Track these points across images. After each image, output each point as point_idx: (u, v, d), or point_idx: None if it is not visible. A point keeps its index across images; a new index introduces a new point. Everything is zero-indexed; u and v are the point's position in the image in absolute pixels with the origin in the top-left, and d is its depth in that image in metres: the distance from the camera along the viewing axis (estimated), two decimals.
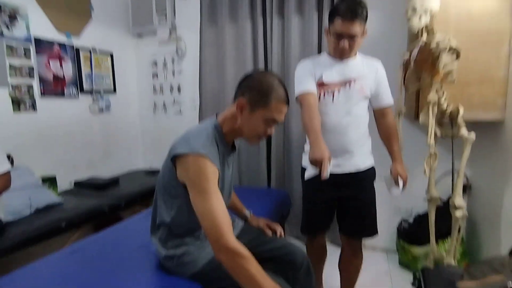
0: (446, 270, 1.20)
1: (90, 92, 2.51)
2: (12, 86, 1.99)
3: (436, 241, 1.65)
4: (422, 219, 2.00)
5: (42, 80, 2.16)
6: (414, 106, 1.76)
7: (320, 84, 1.35)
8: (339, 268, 1.59)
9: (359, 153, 1.38)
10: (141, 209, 2.28)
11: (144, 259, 1.07)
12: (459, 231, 1.49)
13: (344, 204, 1.43)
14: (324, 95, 1.35)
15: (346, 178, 1.38)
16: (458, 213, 1.44)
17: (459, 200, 1.45)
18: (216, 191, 0.91)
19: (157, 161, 2.97)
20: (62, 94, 2.30)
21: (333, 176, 1.33)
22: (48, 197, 1.88)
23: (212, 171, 0.91)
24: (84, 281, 0.94)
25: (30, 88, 2.09)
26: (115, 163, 2.75)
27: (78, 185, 2.31)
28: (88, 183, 2.28)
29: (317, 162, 1.11)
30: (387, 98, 1.41)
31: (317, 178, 1.26)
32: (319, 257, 1.61)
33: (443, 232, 1.84)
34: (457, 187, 1.45)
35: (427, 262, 1.61)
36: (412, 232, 2.01)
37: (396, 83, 1.63)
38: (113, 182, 2.31)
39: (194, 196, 0.91)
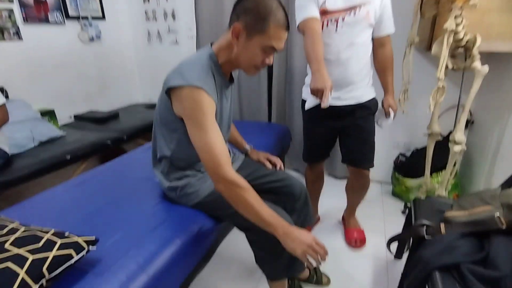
0: (437, 200, 1.26)
1: (77, 18, 2.31)
2: None
3: (431, 174, 1.71)
4: (419, 153, 2.03)
5: (22, 4, 1.97)
6: (428, 35, 1.64)
7: (323, 12, 1.24)
8: (346, 190, 1.71)
9: (361, 86, 1.37)
10: (143, 142, 2.32)
11: (149, 189, 1.12)
12: (454, 165, 1.53)
13: (344, 132, 1.47)
14: (327, 24, 1.26)
15: (346, 109, 1.38)
16: (457, 148, 1.45)
17: (460, 135, 1.44)
18: (213, 124, 0.89)
19: (156, 95, 2.90)
20: (46, 20, 2.12)
21: (333, 108, 1.35)
22: (50, 130, 1.88)
23: (208, 104, 0.88)
24: (91, 210, 0.99)
25: (11, 13, 1.92)
26: (113, 96, 2.69)
27: (78, 118, 2.31)
28: (88, 117, 2.27)
29: (318, 92, 1.09)
30: (390, 26, 1.34)
31: (317, 109, 1.28)
32: (317, 184, 1.73)
33: (439, 166, 1.90)
34: (460, 122, 1.44)
35: (419, 193, 1.69)
36: (407, 165, 2.07)
37: (405, 11, 1.49)
38: (113, 115, 2.30)
39: (191, 129, 0.89)
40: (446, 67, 1.42)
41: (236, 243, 1.02)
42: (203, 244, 0.96)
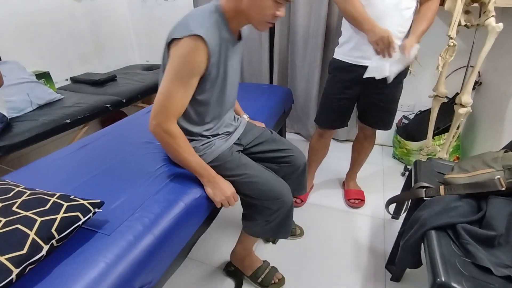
0: (438, 163, 1.26)
1: None
2: None
3: (433, 137, 1.70)
4: (423, 116, 2.01)
5: None
6: None
7: None
8: (352, 148, 1.73)
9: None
10: (143, 105, 2.28)
11: (151, 152, 1.12)
12: (458, 128, 1.52)
13: (367, 96, 1.41)
14: None
15: None
16: (462, 110, 1.43)
17: (466, 97, 1.41)
18: (189, 81, 0.87)
19: (153, 55, 2.81)
20: None
21: (363, 70, 1.25)
22: (47, 93, 1.84)
23: (199, 61, 0.85)
24: (95, 173, 1.00)
25: None
26: (109, 58, 2.60)
27: (75, 81, 2.25)
28: (85, 79, 2.21)
29: (383, 39, 1.09)
30: None
31: (345, 74, 1.30)
32: (321, 152, 1.69)
33: (442, 128, 1.89)
34: (468, 84, 1.40)
35: (420, 156, 1.70)
36: (410, 128, 2.06)
37: None
38: (111, 78, 2.23)
39: (167, 73, 0.87)
40: (459, 24, 1.34)
41: (237, 206, 1.05)
42: (206, 206, 0.98)
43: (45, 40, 2.11)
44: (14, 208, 0.69)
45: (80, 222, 0.72)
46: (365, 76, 1.21)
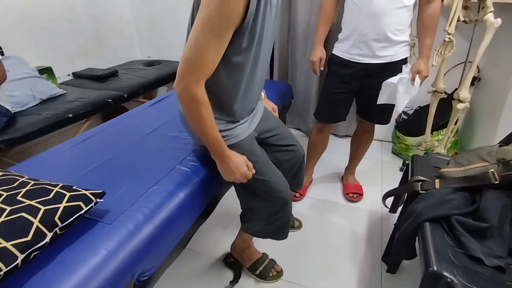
0: (435, 157, 1.28)
1: None
2: None
3: (432, 132, 1.71)
4: (421, 112, 2.02)
5: None
6: None
7: None
8: (351, 143, 1.75)
9: (397, 43, 1.28)
10: (144, 100, 2.30)
11: (152, 145, 1.14)
12: (456, 123, 1.53)
13: (366, 90, 1.43)
14: None
15: (375, 67, 1.33)
16: (460, 106, 1.44)
17: (464, 92, 1.42)
18: (223, 34, 0.73)
19: (154, 51, 2.82)
20: None
21: (362, 65, 1.32)
22: (50, 88, 1.87)
23: (237, 8, 0.71)
24: (96, 165, 1.02)
25: None
26: (110, 53, 2.62)
27: (77, 76, 2.27)
28: (87, 75, 2.23)
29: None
30: None
31: (344, 69, 1.37)
32: (320, 147, 1.71)
33: (440, 123, 1.90)
34: (466, 79, 1.41)
35: (419, 151, 1.71)
36: (409, 124, 2.07)
37: None
38: (112, 73, 2.25)
39: (196, 22, 0.73)
40: (458, 19, 1.35)
41: (234, 198, 1.08)
42: (205, 196, 1.00)
43: (47, 35, 2.13)
44: (18, 197, 0.72)
45: (82, 212, 0.74)
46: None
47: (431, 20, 1.25)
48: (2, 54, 1.83)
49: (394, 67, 1.32)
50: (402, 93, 1.29)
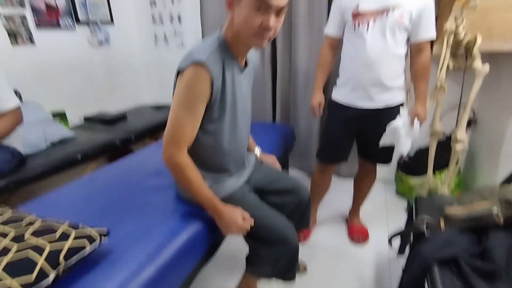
0: (439, 198, 1.28)
1: (87, 23, 2.39)
2: (4, 17, 1.90)
3: (434, 173, 1.72)
4: (422, 152, 2.05)
5: (34, 10, 2.05)
6: None
7: (355, 15, 1.29)
8: (354, 184, 1.75)
9: (391, 89, 1.36)
10: (151, 142, 2.37)
11: (156, 185, 1.16)
12: (456, 163, 1.55)
13: (366, 133, 1.47)
14: (358, 24, 1.30)
15: (373, 113, 1.39)
16: (459, 147, 1.47)
17: (461, 133, 1.46)
18: (196, 107, 0.87)
19: (163, 96, 2.97)
20: (58, 25, 2.20)
21: (360, 110, 1.38)
22: (61, 131, 1.95)
23: (203, 88, 0.85)
24: (102, 204, 1.04)
25: (23, 19, 2.00)
26: (121, 98, 2.76)
27: (88, 120, 2.37)
28: (97, 118, 2.34)
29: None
30: (428, 31, 1.28)
31: (344, 112, 1.43)
32: (323, 187, 1.71)
33: (442, 164, 1.91)
34: (461, 121, 1.46)
35: (422, 192, 1.71)
36: (411, 164, 2.08)
37: None
38: (121, 117, 2.36)
39: (173, 102, 0.89)
40: (447, 67, 1.44)
41: (239, 241, 1.06)
42: (209, 237, 1.00)
43: (64, 83, 2.29)
44: (26, 236, 0.73)
45: (86, 252, 0.75)
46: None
47: (423, 69, 1.34)
48: (21, 99, 1.94)
49: (390, 112, 1.38)
50: (403, 136, 1.34)
